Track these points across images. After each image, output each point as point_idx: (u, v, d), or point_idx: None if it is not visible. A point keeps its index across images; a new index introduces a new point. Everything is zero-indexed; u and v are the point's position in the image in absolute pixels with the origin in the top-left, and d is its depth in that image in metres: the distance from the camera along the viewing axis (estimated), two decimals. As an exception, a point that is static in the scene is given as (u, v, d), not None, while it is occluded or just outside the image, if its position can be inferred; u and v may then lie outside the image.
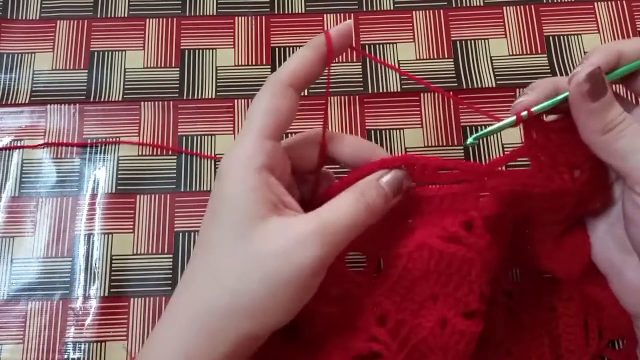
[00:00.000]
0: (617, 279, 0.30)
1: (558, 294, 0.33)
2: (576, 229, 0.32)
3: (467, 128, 0.44)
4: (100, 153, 0.43)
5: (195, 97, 0.45)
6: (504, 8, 0.47)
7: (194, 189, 0.43)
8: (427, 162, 0.29)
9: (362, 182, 0.29)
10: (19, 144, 0.44)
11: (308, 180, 0.33)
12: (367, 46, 0.46)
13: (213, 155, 0.43)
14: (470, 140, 0.29)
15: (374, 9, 0.47)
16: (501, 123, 0.29)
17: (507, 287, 0.34)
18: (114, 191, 0.43)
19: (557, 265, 0.31)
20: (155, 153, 0.44)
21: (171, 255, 0.41)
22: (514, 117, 0.28)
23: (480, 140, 0.43)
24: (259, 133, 0.27)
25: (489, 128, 0.29)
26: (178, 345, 0.26)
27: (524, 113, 0.28)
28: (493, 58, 0.46)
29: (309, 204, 0.32)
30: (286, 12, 0.47)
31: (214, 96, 0.45)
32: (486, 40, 0.46)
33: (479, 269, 0.29)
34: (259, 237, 0.26)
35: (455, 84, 0.45)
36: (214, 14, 0.47)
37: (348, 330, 0.30)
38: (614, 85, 0.28)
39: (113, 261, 0.41)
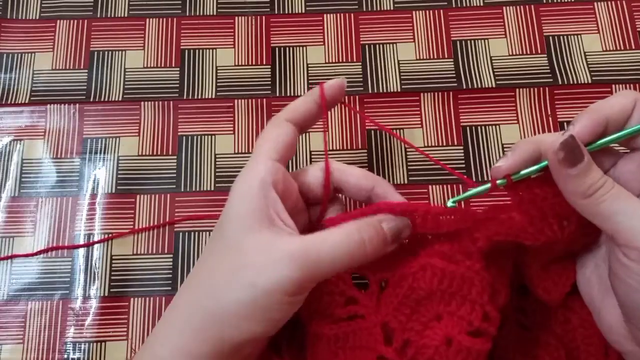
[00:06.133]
0: (597, 315, 0.31)
1: (572, 305, 0.33)
2: (563, 258, 0.33)
3: (467, 128, 0.44)
4: (100, 153, 0.44)
5: (195, 97, 0.45)
6: (504, 8, 0.47)
7: (194, 189, 0.43)
8: (427, 211, 0.31)
9: (363, 220, 0.30)
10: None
11: (317, 205, 0.35)
12: (367, 46, 0.46)
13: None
14: (450, 203, 0.31)
15: (374, 9, 0.47)
16: (479, 188, 0.31)
17: (519, 303, 0.34)
18: (114, 191, 0.43)
19: (541, 290, 0.32)
20: (155, 153, 0.44)
21: (171, 255, 0.41)
22: (489, 185, 0.30)
23: (481, 141, 0.43)
24: (262, 155, 0.31)
25: (467, 193, 0.31)
26: (167, 341, 0.29)
27: (500, 181, 0.30)
28: (493, 58, 0.46)
29: (315, 228, 0.33)
30: (286, 12, 0.47)
31: (214, 96, 0.45)
32: (486, 40, 0.46)
33: (479, 288, 0.29)
34: (248, 249, 0.28)
35: (455, 84, 0.45)
36: (214, 14, 0.47)
37: (356, 350, 0.31)
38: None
39: (113, 261, 0.41)
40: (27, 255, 0.41)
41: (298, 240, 0.28)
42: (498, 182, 0.30)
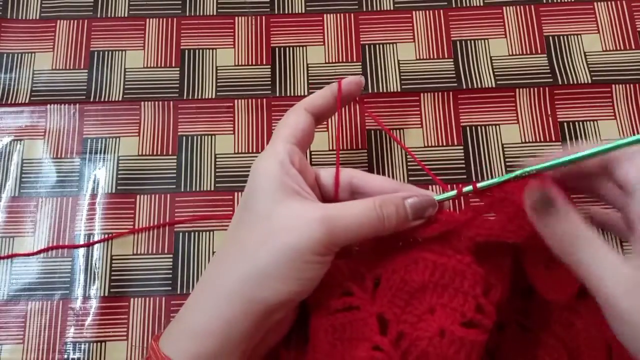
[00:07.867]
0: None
1: (578, 308, 0.33)
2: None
3: (467, 128, 0.44)
4: (100, 153, 0.44)
5: (195, 97, 0.45)
6: (504, 8, 0.47)
7: (194, 189, 0.43)
8: None
9: (387, 196, 0.31)
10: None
11: None
12: (367, 46, 0.46)
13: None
14: None
15: (374, 9, 0.47)
16: (445, 195, 0.32)
17: (521, 305, 0.34)
18: (114, 191, 0.43)
19: (547, 289, 0.32)
20: (155, 153, 0.44)
21: (171, 255, 0.41)
22: (455, 192, 0.32)
23: (481, 141, 0.43)
24: (281, 138, 0.33)
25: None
26: (200, 307, 0.30)
27: (466, 189, 0.31)
28: (493, 58, 0.46)
29: None
30: (286, 12, 0.47)
31: (214, 96, 0.45)
32: (486, 40, 0.46)
33: (471, 280, 0.30)
34: (277, 216, 0.30)
35: (455, 84, 0.45)
36: (214, 14, 0.47)
37: (352, 340, 0.31)
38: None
39: (113, 261, 0.41)
40: (27, 255, 0.41)
41: (323, 206, 0.30)
42: (464, 189, 0.31)
